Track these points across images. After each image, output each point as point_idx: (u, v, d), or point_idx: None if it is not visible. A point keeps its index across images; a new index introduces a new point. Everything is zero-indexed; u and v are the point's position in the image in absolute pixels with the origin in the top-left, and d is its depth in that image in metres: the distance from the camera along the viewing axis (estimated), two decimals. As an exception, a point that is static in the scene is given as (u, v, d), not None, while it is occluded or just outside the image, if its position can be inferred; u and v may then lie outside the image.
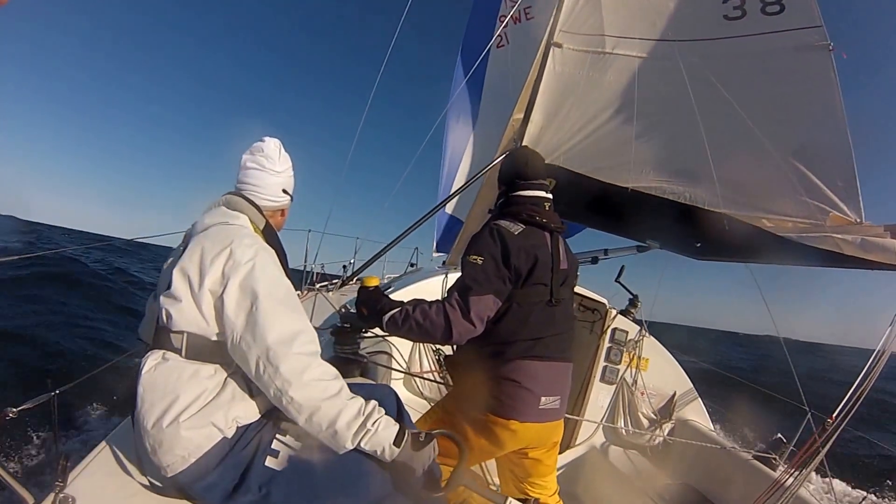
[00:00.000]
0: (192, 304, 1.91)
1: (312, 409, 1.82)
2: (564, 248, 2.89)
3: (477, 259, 2.55)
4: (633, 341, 4.97)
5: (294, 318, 1.92)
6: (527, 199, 2.82)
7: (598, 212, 4.88)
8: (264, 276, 1.93)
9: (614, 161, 4.20)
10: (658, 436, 4.79)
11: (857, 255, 3.27)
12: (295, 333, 1.86)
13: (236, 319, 1.86)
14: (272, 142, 2.36)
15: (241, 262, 1.92)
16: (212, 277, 1.90)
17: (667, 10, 4.71)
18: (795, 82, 4.05)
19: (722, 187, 3.87)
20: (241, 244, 1.97)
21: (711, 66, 4.30)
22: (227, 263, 1.92)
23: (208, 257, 1.94)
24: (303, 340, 1.87)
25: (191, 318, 1.91)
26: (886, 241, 3.24)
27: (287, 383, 1.79)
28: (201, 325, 1.91)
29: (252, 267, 1.92)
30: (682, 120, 4.19)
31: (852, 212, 3.60)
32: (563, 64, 4.67)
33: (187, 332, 1.91)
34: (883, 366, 3.09)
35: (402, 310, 2.55)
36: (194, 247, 2.00)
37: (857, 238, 3.30)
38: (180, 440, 1.79)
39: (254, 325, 1.84)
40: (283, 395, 1.80)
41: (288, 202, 2.47)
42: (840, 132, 3.76)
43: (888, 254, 3.20)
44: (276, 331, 1.83)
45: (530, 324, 2.61)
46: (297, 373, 1.80)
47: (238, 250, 1.94)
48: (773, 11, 4.30)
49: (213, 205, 2.26)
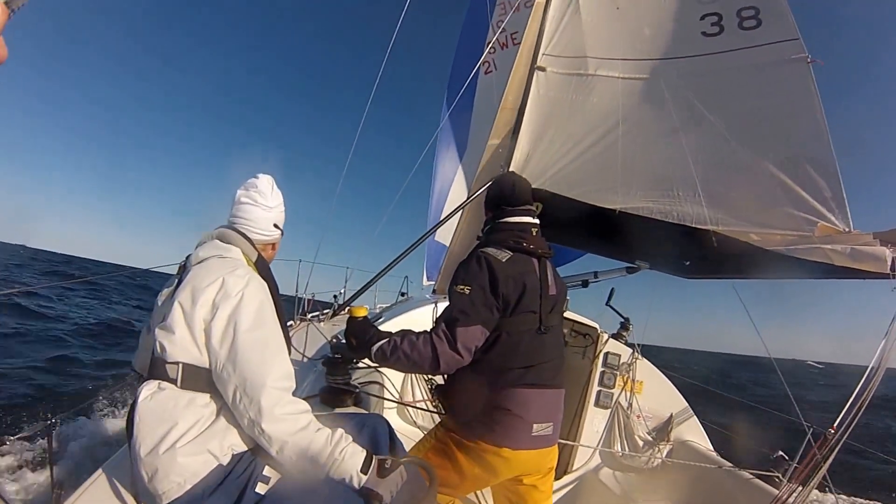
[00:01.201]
0: (186, 334, 1.99)
1: (283, 442, 1.93)
2: (553, 274, 2.90)
3: (464, 289, 2.58)
4: (626, 364, 4.99)
5: (273, 353, 2.01)
6: (514, 226, 2.86)
7: (587, 234, 4.96)
8: (250, 309, 2.01)
9: (601, 183, 4.30)
10: (656, 458, 4.80)
11: (847, 266, 3.34)
12: (271, 369, 1.95)
13: (220, 349, 1.95)
14: (265, 178, 2.48)
15: (232, 293, 2.01)
16: (204, 307, 1.99)
17: (647, 30, 4.90)
18: (776, 95, 4.18)
19: (709, 204, 3.97)
20: (233, 275, 2.07)
21: (692, 84, 4.46)
22: (219, 293, 2.01)
23: (201, 287, 2.02)
24: (278, 376, 1.96)
25: (185, 348, 1.99)
26: (876, 249, 3.31)
27: (260, 415, 1.89)
28: (195, 355, 1.99)
29: (241, 298, 2.01)
30: (666, 138, 4.32)
31: (840, 221, 3.68)
32: (548, 87, 4.84)
33: (182, 363, 1.98)
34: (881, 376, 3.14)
35: (391, 340, 2.58)
36: (189, 279, 2.10)
37: (847, 248, 3.37)
38: (176, 466, 1.85)
39: (235, 356, 1.93)
40: (256, 426, 1.90)
41: (279, 236, 2.57)
42: (823, 142, 3.88)
43: (879, 262, 3.27)
44: (255, 365, 1.93)
45: (520, 352, 2.63)
46: (270, 407, 1.89)
47: (230, 281, 2.04)
48: (751, 26, 4.48)
49: (207, 237, 2.36)
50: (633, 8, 5.04)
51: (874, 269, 3.29)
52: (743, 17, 4.53)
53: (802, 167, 3.87)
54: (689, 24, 4.73)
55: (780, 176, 3.89)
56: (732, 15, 4.58)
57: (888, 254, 3.28)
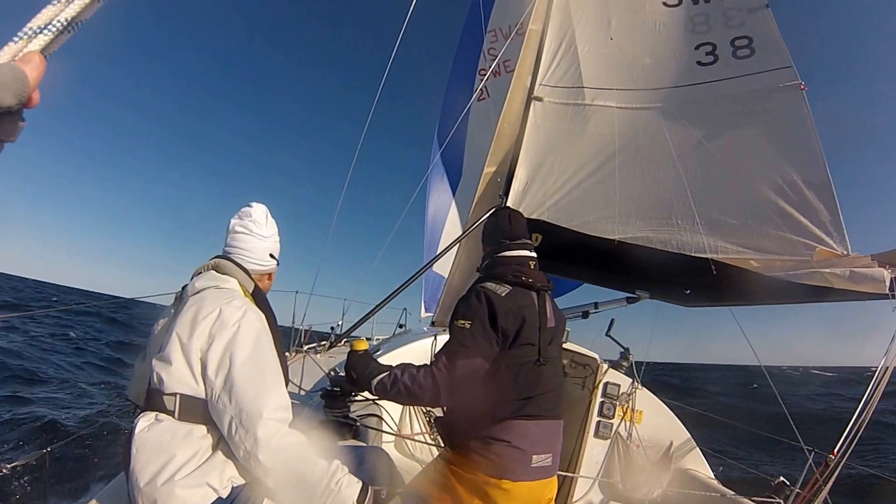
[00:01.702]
0: (183, 365, 2.02)
1: (278, 473, 1.96)
2: (551, 307, 2.97)
3: (465, 323, 2.65)
4: (625, 394, 4.99)
5: (270, 384, 2.05)
6: (512, 260, 2.92)
7: (586, 265, 5.01)
8: (247, 340, 2.05)
9: (600, 213, 4.37)
10: (656, 488, 4.77)
11: (847, 288, 3.42)
12: (268, 399, 1.99)
13: (216, 379, 1.98)
14: (259, 207, 2.52)
15: (229, 323, 2.05)
16: (200, 338, 2.03)
17: (642, 59, 5.04)
18: (771, 122, 4.31)
19: (707, 232, 4.05)
20: (230, 306, 2.11)
21: (688, 112, 4.57)
22: (216, 324, 2.05)
23: (198, 319, 2.06)
24: (274, 407, 1.99)
25: (183, 379, 2.01)
26: (875, 271, 3.41)
27: (256, 446, 1.91)
28: (192, 387, 2.01)
29: (237, 329, 2.05)
30: (664, 167, 4.41)
31: (838, 245, 3.78)
32: (545, 118, 4.92)
33: (180, 394, 2.01)
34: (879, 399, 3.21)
35: (391, 374, 2.63)
36: (186, 310, 2.14)
37: (846, 271, 3.45)
38: (175, 499, 1.86)
39: (231, 387, 1.96)
40: (252, 457, 1.92)
41: (275, 266, 2.62)
42: (819, 168, 3.99)
43: (877, 283, 3.35)
44: (251, 395, 1.96)
45: (519, 384, 2.69)
46: (267, 437, 1.92)
47: (227, 311, 2.08)
48: (744, 55, 4.64)
49: (203, 268, 2.39)
50: (628, 38, 5.18)
51: (873, 291, 3.37)
52: (737, 46, 4.70)
53: (799, 192, 3.97)
54: (684, 53, 4.89)
55: (777, 202, 3.99)
56: (726, 44, 4.75)
57: (887, 275, 3.36)
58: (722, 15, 4.94)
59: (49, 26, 0.88)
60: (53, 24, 0.88)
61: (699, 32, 4.94)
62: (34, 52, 0.85)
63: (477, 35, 9.11)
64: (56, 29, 0.88)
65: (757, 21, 4.77)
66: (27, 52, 0.85)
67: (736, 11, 4.89)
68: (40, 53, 0.86)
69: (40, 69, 0.84)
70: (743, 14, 4.84)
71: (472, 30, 9.39)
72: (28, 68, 0.82)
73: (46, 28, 0.87)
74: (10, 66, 0.81)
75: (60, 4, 0.89)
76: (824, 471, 3.24)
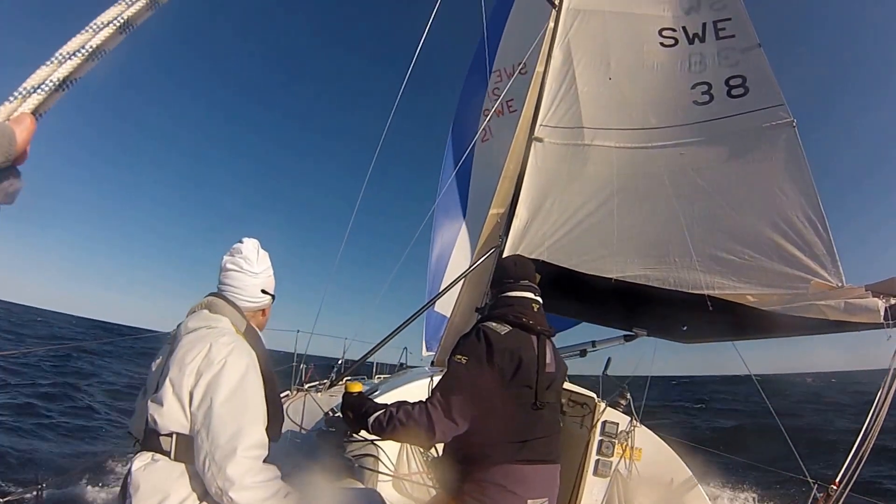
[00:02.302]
0: (175, 405, 2.07)
1: None
2: (552, 352, 2.97)
3: (462, 359, 2.69)
4: (624, 432, 4.99)
5: (248, 423, 2.07)
6: (515, 300, 2.97)
7: (584, 304, 5.12)
8: (231, 377, 2.09)
9: (598, 252, 4.50)
10: None
11: (842, 319, 3.51)
12: (243, 438, 2.01)
13: (197, 413, 2.03)
14: (250, 242, 2.58)
15: (215, 360, 2.10)
16: (190, 376, 2.08)
17: (641, 100, 5.26)
18: (765, 159, 4.49)
19: (704, 268, 4.17)
20: (217, 343, 2.16)
21: (685, 150, 4.77)
22: (203, 361, 2.10)
23: (188, 358, 2.12)
24: (248, 444, 2.01)
25: (176, 419, 2.07)
26: (869, 301, 3.50)
27: (228, 483, 1.94)
28: (186, 426, 2.07)
29: (223, 366, 2.09)
30: (661, 206, 4.58)
31: (833, 277, 3.90)
32: (545, 158, 5.11)
33: (176, 434, 2.06)
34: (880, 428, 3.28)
35: (387, 411, 2.68)
36: (178, 350, 2.18)
37: (841, 302, 3.55)
38: None
39: (209, 423, 2.00)
40: (224, 494, 1.95)
41: (268, 302, 2.66)
42: (812, 202, 4.15)
43: (872, 313, 3.45)
44: (228, 433, 1.99)
45: (515, 427, 2.71)
46: (239, 475, 1.95)
47: (214, 349, 2.13)
48: (739, 94, 4.86)
49: (196, 307, 2.47)
50: (627, 78, 5.41)
51: (868, 321, 3.47)
52: (731, 85, 4.92)
53: (794, 226, 4.12)
54: (681, 92, 5.10)
55: (772, 236, 4.14)
56: (721, 84, 4.98)
57: (881, 304, 3.46)
58: (717, 55, 5.17)
59: (42, 86, 0.94)
60: (46, 83, 0.94)
61: (695, 72, 5.17)
62: (26, 113, 0.91)
63: (483, 75, 9.36)
64: (49, 88, 0.95)
65: (750, 60, 4.99)
66: (20, 114, 0.91)
67: (730, 51, 5.12)
68: (31, 114, 0.92)
69: (30, 129, 0.90)
70: (737, 54, 5.07)
71: (478, 69, 9.64)
72: (19, 129, 0.88)
73: (40, 87, 0.94)
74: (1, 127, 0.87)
75: (54, 65, 0.96)
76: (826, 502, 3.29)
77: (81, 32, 1.01)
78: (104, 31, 1.02)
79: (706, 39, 5.33)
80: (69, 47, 0.99)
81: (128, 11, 1.06)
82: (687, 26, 5.48)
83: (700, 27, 5.41)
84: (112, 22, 1.04)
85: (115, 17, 1.05)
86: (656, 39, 5.53)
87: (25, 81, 0.94)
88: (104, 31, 1.02)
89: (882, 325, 3.44)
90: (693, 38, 5.40)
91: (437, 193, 9.40)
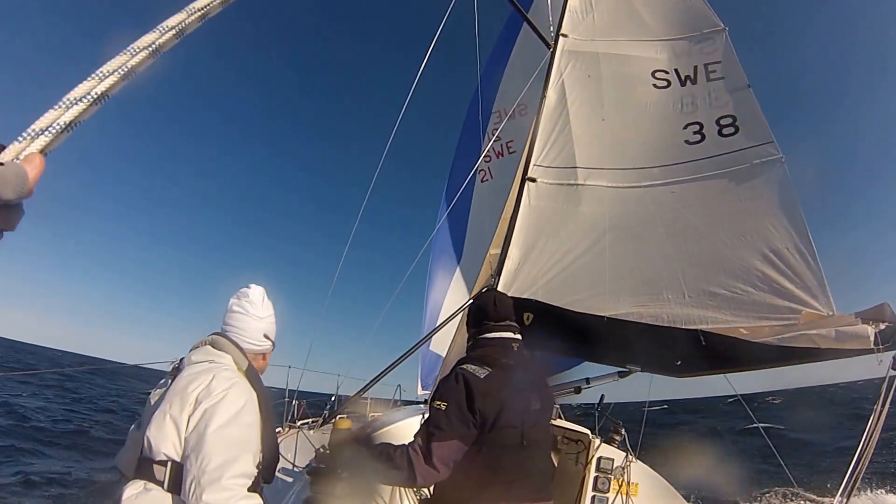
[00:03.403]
0: (174, 433, 2.13)
1: None
2: (536, 389, 3.02)
3: (441, 405, 2.70)
4: (619, 468, 5.04)
5: (238, 452, 2.12)
6: (495, 341, 2.99)
7: (578, 342, 5.15)
8: (228, 409, 2.15)
9: (591, 291, 4.67)
10: None
11: (834, 347, 3.69)
12: (231, 467, 2.05)
13: (189, 438, 2.10)
14: (257, 289, 2.73)
15: (215, 391, 2.18)
16: (189, 405, 2.16)
17: (633, 140, 5.50)
18: (755, 195, 4.71)
19: (696, 304, 4.35)
20: (220, 376, 2.25)
21: (677, 189, 4.98)
22: (203, 391, 2.18)
23: (190, 389, 2.20)
24: (234, 473, 2.05)
25: (172, 445, 2.12)
26: (859, 328, 3.69)
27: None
28: (180, 453, 2.12)
29: (222, 398, 2.16)
30: (653, 244, 4.77)
31: (823, 306, 4.10)
32: (538, 198, 5.29)
33: (171, 462, 2.11)
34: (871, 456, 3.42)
35: (371, 453, 2.75)
36: (179, 381, 2.27)
37: (832, 331, 3.74)
38: None
39: (199, 449, 2.05)
40: None
41: (269, 347, 2.79)
42: (802, 234, 4.37)
43: (862, 339, 3.62)
44: (216, 460, 2.03)
45: (503, 467, 2.73)
46: (222, 500, 1.99)
47: (216, 381, 2.22)
48: (729, 133, 5.13)
49: (200, 343, 2.58)
50: (620, 119, 5.67)
51: (859, 347, 3.64)
52: (722, 125, 5.20)
53: (785, 259, 4.33)
54: (673, 133, 5.36)
55: (763, 269, 4.34)
56: (712, 123, 5.25)
57: (871, 331, 3.64)
58: (707, 96, 5.45)
59: (50, 128, 1.00)
60: (54, 126, 1.00)
61: (687, 112, 5.43)
62: (35, 153, 0.97)
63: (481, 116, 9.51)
64: (56, 131, 1.01)
65: (739, 100, 5.27)
66: (30, 154, 0.97)
67: (720, 92, 5.41)
68: (41, 154, 0.98)
69: (39, 169, 0.96)
70: (726, 95, 5.36)
71: (476, 111, 9.74)
72: (29, 168, 0.94)
73: (48, 130, 1.00)
74: (15, 166, 0.93)
75: (61, 109, 1.03)
76: None
77: (88, 79, 1.08)
78: (108, 80, 1.09)
79: (697, 81, 5.61)
80: (76, 93, 1.06)
81: (131, 61, 1.13)
82: (679, 68, 5.77)
83: (692, 69, 5.70)
84: (116, 71, 1.11)
85: (119, 67, 1.12)
86: (649, 81, 5.81)
87: (34, 123, 1.01)
88: (108, 80, 1.09)
89: (872, 350, 3.60)
90: (685, 80, 5.68)
91: (434, 232, 9.54)
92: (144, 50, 1.16)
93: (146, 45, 1.17)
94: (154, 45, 1.18)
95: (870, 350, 3.61)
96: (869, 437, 3.48)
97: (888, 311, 3.80)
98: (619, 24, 6.33)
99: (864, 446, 3.46)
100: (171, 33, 1.22)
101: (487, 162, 8.92)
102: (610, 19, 6.42)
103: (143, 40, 1.17)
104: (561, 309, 4.53)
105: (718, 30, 5.84)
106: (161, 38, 1.20)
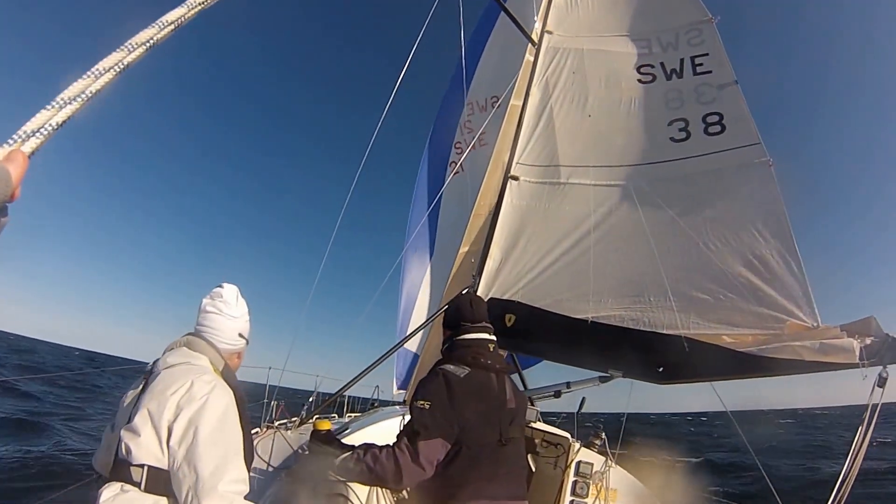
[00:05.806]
0: (152, 437, 2.17)
1: None
2: (511, 388, 3.16)
3: (424, 404, 2.82)
4: (598, 473, 5.09)
5: (230, 458, 2.19)
6: (472, 342, 3.16)
7: (559, 345, 5.19)
8: (213, 414, 2.21)
9: (573, 292, 4.77)
10: None
11: (818, 360, 3.80)
12: (225, 473, 2.12)
13: (178, 449, 2.13)
14: (230, 288, 2.78)
15: (197, 396, 2.22)
16: (169, 409, 2.18)
17: (617, 137, 5.61)
18: (741, 198, 4.83)
19: (679, 308, 4.45)
20: (200, 380, 2.29)
21: (662, 189, 5.09)
22: (184, 396, 2.21)
23: (169, 391, 2.23)
24: (230, 479, 2.12)
25: (150, 451, 2.15)
26: (844, 342, 3.80)
27: None
28: (159, 458, 2.16)
29: (204, 403, 2.21)
30: (637, 244, 4.86)
31: (808, 318, 4.20)
32: (521, 197, 5.39)
33: (147, 466, 2.14)
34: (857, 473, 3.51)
35: (354, 454, 2.84)
36: (157, 383, 2.30)
37: (816, 343, 3.85)
38: None
39: (191, 457, 2.10)
40: None
41: (244, 346, 2.85)
42: (787, 242, 4.48)
43: (847, 353, 3.73)
44: (210, 467, 2.09)
45: (481, 465, 2.86)
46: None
47: (196, 385, 2.25)
48: (715, 132, 5.25)
49: (175, 345, 2.63)
50: (605, 115, 5.79)
51: (844, 360, 3.74)
52: (708, 122, 5.32)
53: (769, 267, 4.44)
54: (658, 130, 5.48)
55: (748, 276, 4.45)
56: (698, 120, 5.37)
57: (856, 345, 3.75)
58: (694, 91, 5.59)
59: (41, 130, 1.01)
60: (45, 128, 1.02)
61: (673, 108, 5.57)
62: (17, 150, 0.97)
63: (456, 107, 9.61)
64: (47, 133, 1.02)
65: (727, 97, 5.40)
66: (12, 151, 0.97)
67: (707, 87, 5.55)
68: (23, 152, 0.98)
69: (23, 167, 0.96)
70: (713, 90, 5.49)
71: (451, 102, 9.88)
72: (12, 167, 0.94)
73: (38, 132, 1.01)
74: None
75: (53, 109, 1.04)
76: None
77: (82, 77, 1.09)
78: (104, 77, 1.11)
79: (684, 75, 5.75)
80: (69, 93, 1.06)
81: (128, 58, 1.15)
82: (665, 62, 5.91)
83: (678, 63, 5.83)
84: (112, 68, 1.13)
85: (116, 64, 1.13)
86: (635, 76, 5.94)
87: (25, 125, 1.01)
88: (104, 77, 1.11)
89: (857, 365, 3.69)
90: (671, 74, 5.81)
91: (408, 228, 9.52)
92: (142, 46, 1.18)
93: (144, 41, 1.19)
94: (151, 40, 1.20)
95: (854, 364, 3.72)
96: (854, 455, 3.56)
97: (874, 326, 3.94)
98: (605, 19, 6.49)
99: (849, 465, 3.55)
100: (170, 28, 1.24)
101: (460, 155, 8.90)
102: (596, 14, 6.58)
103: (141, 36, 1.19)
104: (543, 311, 4.65)
105: (706, 20, 5.97)
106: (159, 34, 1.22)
